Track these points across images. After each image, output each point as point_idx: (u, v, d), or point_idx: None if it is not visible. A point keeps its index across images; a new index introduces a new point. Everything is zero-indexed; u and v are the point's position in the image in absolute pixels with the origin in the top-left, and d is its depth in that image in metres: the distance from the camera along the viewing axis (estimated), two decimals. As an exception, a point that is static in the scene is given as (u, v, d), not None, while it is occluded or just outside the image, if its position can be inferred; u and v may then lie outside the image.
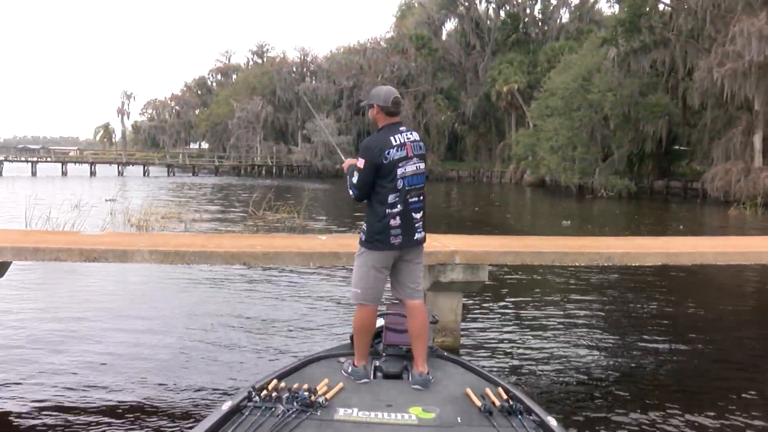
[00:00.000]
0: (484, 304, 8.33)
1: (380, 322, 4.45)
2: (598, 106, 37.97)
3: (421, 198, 4.03)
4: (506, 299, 8.82)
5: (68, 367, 5.58)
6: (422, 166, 4.04)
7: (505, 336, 6.87)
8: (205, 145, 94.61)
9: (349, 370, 4.00)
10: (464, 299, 7.10)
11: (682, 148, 42.70)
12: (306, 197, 18.18)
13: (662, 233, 17.50)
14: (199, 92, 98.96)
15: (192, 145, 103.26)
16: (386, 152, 3.91)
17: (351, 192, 4.04)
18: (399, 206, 3.94)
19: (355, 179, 3.98)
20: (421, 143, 4.06)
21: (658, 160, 42.35)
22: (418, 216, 4.01)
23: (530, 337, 6.85)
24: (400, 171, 3.93)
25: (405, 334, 4.24)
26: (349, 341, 4.47)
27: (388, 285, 4.18)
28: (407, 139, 4.00)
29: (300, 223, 16.57)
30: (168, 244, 5.81)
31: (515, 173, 52.61)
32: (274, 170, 65.95)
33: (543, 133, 41.91)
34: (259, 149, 69.98)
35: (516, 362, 6.01)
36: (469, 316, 7.60)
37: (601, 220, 24.10)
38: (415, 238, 4.02)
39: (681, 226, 19.96)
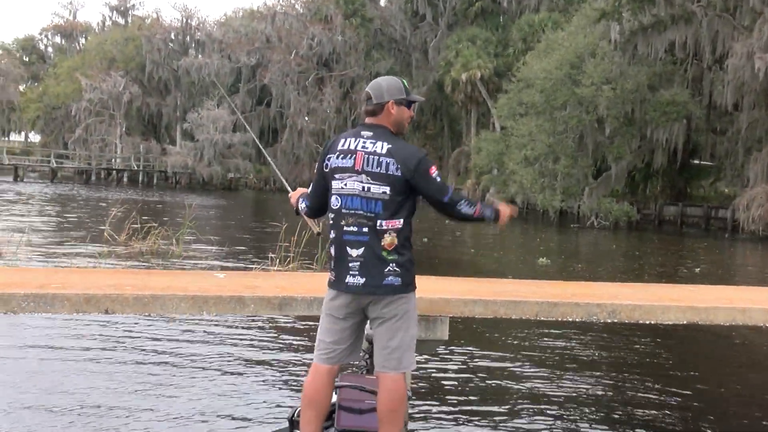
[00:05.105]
0: (437, 370, 8.35)
1: (334, 397, 4.45)
2: (591, 103, 38.34)
3: (366, 230, 4.04)
4: (468, 361, 8.87)
5: None
6: (378, 189, 4.03)
7: (468, 415, 6.91)
8: (35, 138, 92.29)
9: None
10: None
11: (704, 162, 43.80)
12: (188, 217, 17.90)
13: (674, 278, 17.94)
14: (26, 59, 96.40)
15: (14, 137, 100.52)
16: (328, 157, 4.16)
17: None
18: (333, 232, 4.09)
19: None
20: (387, 159, 4.04)
21: (671, 178, 43.61)
22: (354, 253, 4.05)
23: (502, 418, 6.90)
24: (336, 184, 4.09)
25: (368, 415, 4.25)
26: (287, 425, 4.44)
27: None
28: (362, 146, 4.06)
29: (179, 253, 16.32)
30: (-16, 284, 5.58)
31: (474, 191, 53.25)
32: (141, 177, 65.00)
33: (514, 139, 42.63)
34: (119, 147, 68.60)
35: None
36: (420, 384, 7.60)
37: (592, 258, 24.65)
38: (346, 281, 4.08)
39: (698, 269, 20.55)
